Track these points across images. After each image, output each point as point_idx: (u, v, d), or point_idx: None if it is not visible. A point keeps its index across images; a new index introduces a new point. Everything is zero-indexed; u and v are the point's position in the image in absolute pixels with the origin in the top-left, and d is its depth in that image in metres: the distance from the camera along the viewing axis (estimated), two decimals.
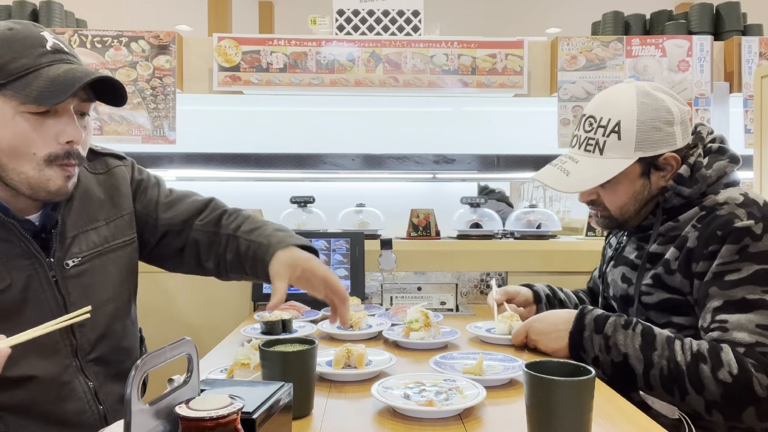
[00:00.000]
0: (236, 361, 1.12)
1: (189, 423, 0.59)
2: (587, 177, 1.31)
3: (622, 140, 1.28)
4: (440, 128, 2.61)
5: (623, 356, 1.20)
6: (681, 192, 1.28)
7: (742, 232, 1.17)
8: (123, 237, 1.24)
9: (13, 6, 2.47)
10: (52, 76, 0.98)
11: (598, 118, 1.32)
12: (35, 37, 1.01)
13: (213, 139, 2.54)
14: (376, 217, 2.27)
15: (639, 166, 1.30)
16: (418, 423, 0.95)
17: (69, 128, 1.03)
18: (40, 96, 0.97)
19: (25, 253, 1.07)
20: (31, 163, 1.01)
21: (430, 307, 1.91)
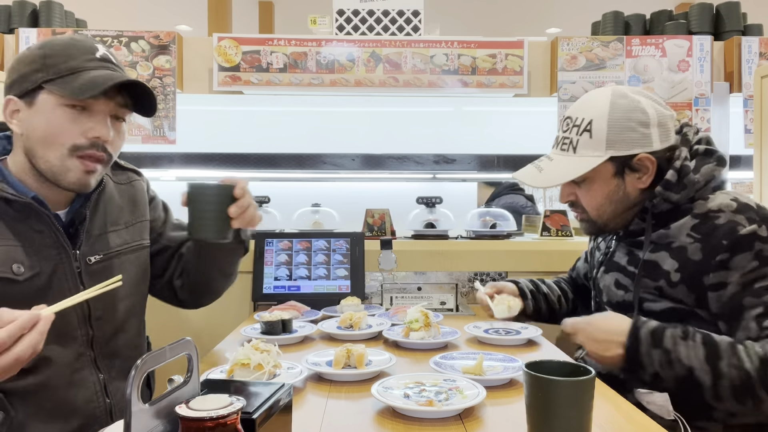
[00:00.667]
0: (236, 361, 1.12)
1: (189, 423, 0.59)
2: (559, 173, 1.33)
3: (594, 138, 1.29)
4: (440, 128, 2.62)
5: (688, 370, 1.15)
6: (669, 198, 1.27)
7: (750, 238, 1.17)
8: (140, 240, 1.35)
9: (13, 6, 2.47)
10: (92, 76, 1.11)
11: (574, 118, 1.34)
12: (89, 46, 1.16)
13: (213, 139, 2.54)
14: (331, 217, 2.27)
15: (612, 165, 1.30)
16: (418, 423, 0.95)
17: (99, 126, 1.14)
18: (76, 90, 1.09)
19: (54, 243, 1.16)
20: (56, 152, 1.12)
21: (430, 307, 1.91)
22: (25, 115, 1.13)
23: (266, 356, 1.11)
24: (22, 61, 1.14)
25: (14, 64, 1.16)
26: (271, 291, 1.99)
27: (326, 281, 2.00)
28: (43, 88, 1.11)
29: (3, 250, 1.10)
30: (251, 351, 1.12)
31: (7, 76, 1.16)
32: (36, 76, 1.11)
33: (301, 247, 2.04)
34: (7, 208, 1.12)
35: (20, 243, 1.12)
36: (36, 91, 1.12)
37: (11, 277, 1.09)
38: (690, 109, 2.32)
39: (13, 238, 1.11)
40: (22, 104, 1.13)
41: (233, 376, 1.11)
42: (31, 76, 1.12)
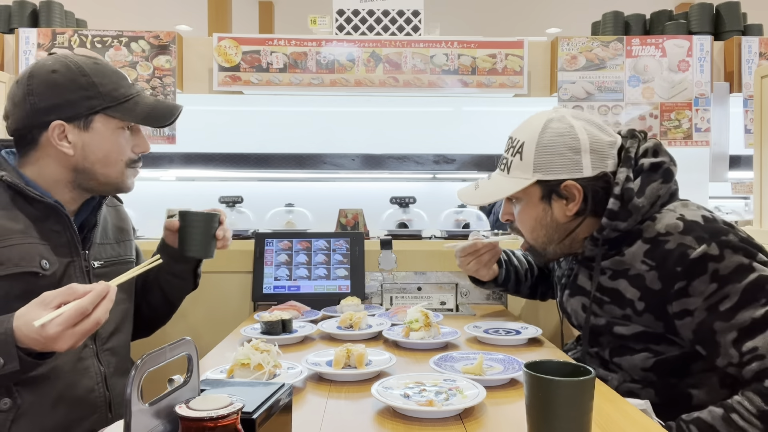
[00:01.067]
0: (236, 361, 1.12)
1: (189, 423, 0.59)
2: (488, 192, 1.36)
3: (523, 161, 1.29)
4: (440, 128, 2.62)
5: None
6: (617, 227, 1.25)
7: (702, 260, 1.15)
8: (128, 256, 1.45)
9: (13, 6, 2.47)
10: (150, 103, 1.28)
11: (513, 139, 1.35)
12: (119, 72, 1.29)
13: (213, 139, 2.54)
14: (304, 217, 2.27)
15: (539, 189, 1.30)
16: (418, 423, 0.95)
17: (143, 142, 1.32)
18: (147, 118, 1.27)
19: (67, 243, 1.25)
20: (117, 168, 1.27)
21: (430, 307, 1.91)
22: (78, 138, 1.22)
23: (266, 356, 1.12)
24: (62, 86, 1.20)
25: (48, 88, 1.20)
26: (271, 291, 1.99)
27: (326, 281, 2.00)
28: (99, 113, 1.23)
29: (32, 247, 1.18)
30: (251, 351, 1.12)
31: (38, 99, 1.19)
32: (92, 102, 1.22)
33: (301, 247, 2.04)
34: (31, 208, 1.21)
35: (43, 242, 1.21)
36: (92, 115, 1.22)
37: (39, 271, 1.18)
38: (690, 109, 2.32)
39: (38, 236, 1.20)
40: (72, 128, 1.21)
41: (233, 376, 1.11)
42: (85, 103, 1.21)
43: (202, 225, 1.41)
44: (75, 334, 1.00)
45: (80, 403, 1.23)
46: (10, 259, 1.14)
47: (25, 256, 1.16)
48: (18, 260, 1.15)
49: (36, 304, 1.02)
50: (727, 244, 1.16)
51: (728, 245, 1.16)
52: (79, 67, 1.22)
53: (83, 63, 1.23)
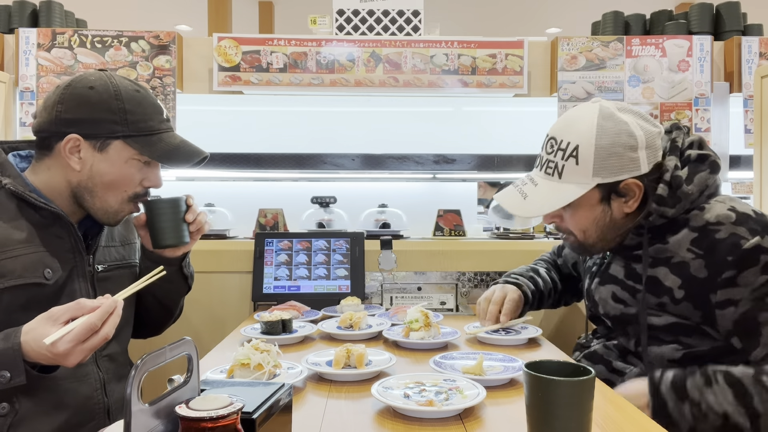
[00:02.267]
0: (236, 361, 1.12)
1: (189, 423, 0.59)
2: (543, 202, 1.27)
3: (580, 165, 1.23)
4: (440, 128, 2.61)
5: (723, 417, 1.13)
6: (664, 213, 1.24)
7: (755, 251, 1.15)
8: (131, 259, 1.44)
9: (13, 6, 2.47)
10: (174, 144, 1.28)
11: (558, 140, 1.27)
12: (157, 105, 1.29)
13: (213, 139, 2.54)
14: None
15: (598, 192, 1.26)
16: (418, 423, 0.95)
17: (155, 177, 1.31)
18: (163, 157, 1.26)
19: (72, 248, 1.25)
20: (118, 197, 1.26)
21: (430, 307, 1.91)
22: (90, 156, 1.22)
23: (266, 356, 1.12)
24: (93, 104, 1.21)
25: (80, 103, 1.21)
26: (271, 291, 1.99)
27: (326, 281, 2.00)
28: (119, 139, 1.22)
29: (36, 257, 1.18)
30: (251, 351, 1.12)
31: (66, 109, 1.20)
32: (115, 127, 1.22)
33: (301, 247, 2.04)
34: (35, 215, 1.21)
35: (47, 249, 1.21)
36: (110, 139, 1.22)
37: (42, 281, 1.18)
38: (690, 109, 2.32)
39: (41, 244, 1.20)
40: (87, 145, 1.22)
41: (233, 376, 1.11)
42: (107, 125, 1.21)
43: (167, 211, 1.35)
44: (84, 350, 1.02)
45: (79, 409, 1.22)
46: (14, 271, 1.15)
47: (29, 266, 1.16)
48: (21, 271, 1.15)
49: (45, 319, 1.03)
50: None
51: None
52: (116, 91, 1.23)
53: (123, 88, 1.24)
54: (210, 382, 0.78)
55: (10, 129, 2.23)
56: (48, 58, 2.25)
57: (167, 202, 1.35)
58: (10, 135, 2.23)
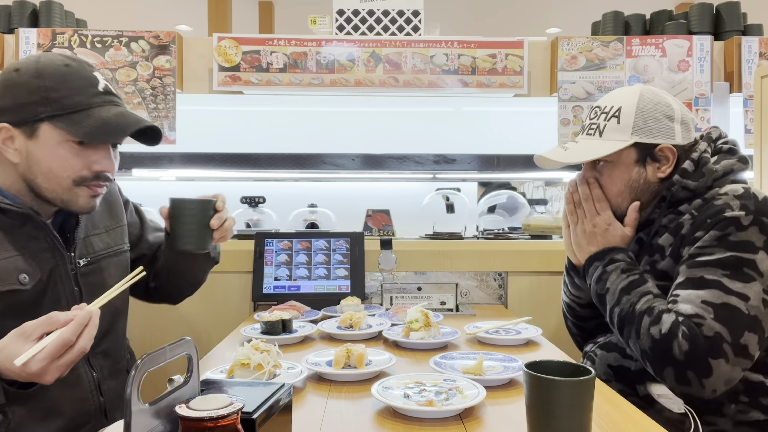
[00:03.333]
0: (236, 361, 1.12)
1: (189, 423, 0.59)
2: (583, 151, 1.36)
3: (621, 123, 1.33)
4: (440, 128, 2.61)
5: (605, 290, 1.30)
6: (687, 185, 1.30)
7: (729, 221, 1.19)
8: (119, 245, 1.36)
9: (13, 6, 2.47)
10: (103, 117, 1.12)
11: (603, 106, 1.39)
12: (89, 77, 1.14)
13: (213, 139, 2.54)
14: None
15: (635, 152, 1.34)
16: (418, 423, 0.95)
17: (105, 161, 1.17)
18: (89, 134, 1.10)
19: (50, 247, 1.17)
20: (61, 184, 1.14)
21: (430, 307, 1.91)
22: (23, 145, 1.12)
23: (266, 356, 1.12)
24: (15, 87, 1.10)
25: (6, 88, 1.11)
26: (271, 291, 1.99)
27: (326, 281, 2.00)
28: (44, 122, 1.10)
29: (8, 263, 1.11)
30: (251, 351, 1.12)
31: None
32: (37, 109, 1.09)
33: (301, 247, 2.04)
34: (3, 217, 1.13)
35: (20, 252, 1.13)
36: (36, 123, 1.10)
37: (18, 288, 1.11)
38: (690, 109, 2.32)
39: (12, 248, 1.12)
40: (18, 133, 1.11)
41: (233, 376, 1.11)
42: (31, 108, 1.10)
43: (192, 213, 1.26)
44: (60, 367, 0.95)
45: (73, 413, 1.18)
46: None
47: (1, 274, 1.09)
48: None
49: (16, 336, 0.95)
50: (762, 224, 1.19)
51: (762, 225, 1.19)
52: (37, 69, 1.11)
53: (49, 64, 1.12)
54: (210, 382, 0.78)
55: None
56: None
57: (193, 204, 1.26)
58: None
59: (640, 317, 1.21)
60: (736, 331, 1.12)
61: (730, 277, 1.16)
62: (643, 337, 1.19)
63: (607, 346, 1.41)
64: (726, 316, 1.13)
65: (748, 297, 1.14)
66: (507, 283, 2.10)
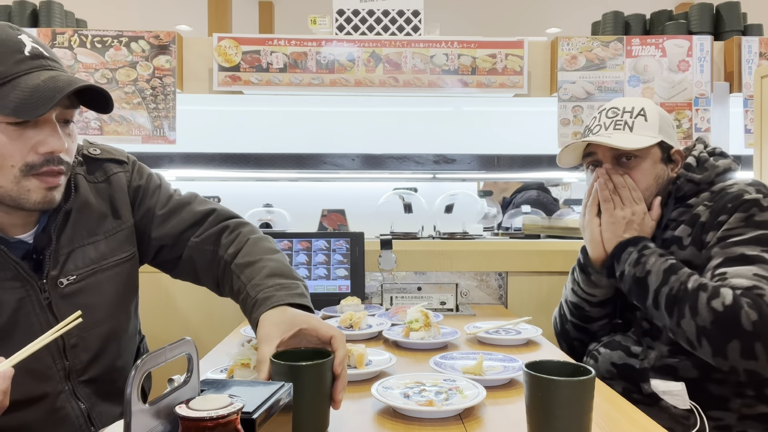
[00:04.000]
0: (236, 361, 1.11)
1: (189, 423, 0.59)
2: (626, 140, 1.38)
3: (649, 122, 1.40)
4: (440, 128, 2.61)
5: (646, 273, 1.29)
6: (692, 178, 1.37)
7: (750, 203, 1.24)
8: (121, 253, 1.16)
9: (13, 6, 2.47)
10: (31, 85, 0.92)
11: (622, 107, 1.43)
12: (13, 41, 0.94)
13: (213, 139, 2.54)
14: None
15: (660, 151, 1.41)
16: (418, 423, 0.95)
17: (51, 139, 0.96)
18: (18, 108, 0.91)
19: (16, 276, 1.01)
20: (8, 176, 0.95)
21: (430, 307, 1.91)
22: None
23: None
24: None
25: None
26: None
27: (326, 281, 2.00)
28: None
29: None
30: (251, 351, 1.12)
31: None
32: None
33: (301, 247, 2.04)
34: None
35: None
36: None
37: None
38: (690, 109, 2.32)
39: None
40: None
41: (233, 376, 1.11)
42: None
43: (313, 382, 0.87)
44: None
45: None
46: None
47: None
48: None
49: None
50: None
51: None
52: None
53: None
54: (210, 382, 0.78)
55: None
56: None
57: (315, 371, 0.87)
58: None
59: (694, 294, 1.18)
60: None
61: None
62: (702, 312, 1.15)
63: (611, 344, 1.41)
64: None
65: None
66: (507, 283, 2.10)
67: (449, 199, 2.30)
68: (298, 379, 0.84)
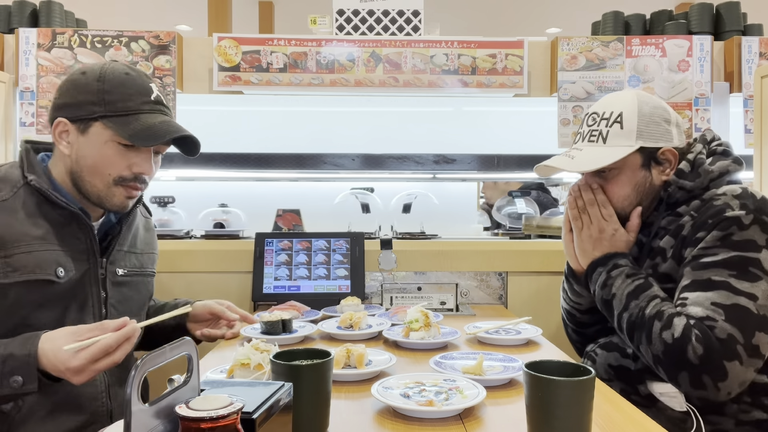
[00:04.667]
0: (236, 361, 1.12)
1: (189, 423, 0.59)
2: (592, 159, 1.35)
3: (624, 129, 1.34)
4: (440, 128, 2.61)
5: (611, 296, 1.30)
6: (683, 186, 1.32)
7: (731, 221, 1.20)
8: (150, 268, 1.48)
9: (13, 6, 2.47)
10: (149, 123, 1.22)
11: (601, 113, 1.39)
12: (145, 87, 1.25)
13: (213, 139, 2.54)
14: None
15: (640, 156, 1.35)
16: (418, 423, 0.95)
17: (144, 164, 1.26)
18: (134, 136, 1.20)
19: (86, 250, 1.27)
20: (103, 181, 1.24)
21: (430, 307, 1.91)
22: (75, 139, 1.23)
23: (266, 356, 1.11)
24: (78, 87, 1.23)
25: (69, 88, 1.24)
26: (271, 291, 1.99)
27: (326, 281, 2.00)
28: (98, 120, 1.21)
29: (50, 255, 1.20)
30: (251, 351, 1.12)
31: (59, 96, 1.25)
32: (92, 108, 1.21)
33: (301, 247, 2.04)
34: (55, 214, 1.23)
35: (62, 248, 1.22)
36: (90, 121, 1.21)
37: (53, 279, 1.19)
38: (690, 109, 2.32)
39: (57, 243, 1.22)
40: (73, 128, 1.23)
41: (233, 376, 1.11)
42: (87, 107, 1.21)
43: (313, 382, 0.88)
44: (94, 371, 1.04)
45: (82, 410, 1.24)
46: (27, 266, 1.16)
47: (42, 263, 1.18)
48: (34, 267, 1.17)
49: (69, 333, 1.06)
50: (762, 222, 1.19)
51: (762, 223, 1.19)
52: (101, 73, 1.23)
53: (110, 70, 1.24)
54: (210, 382, 0.78)
55: (10, 129, 2.23)
56: (48, 58, 2.25)
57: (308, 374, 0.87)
58: (10, 135, 2.23)
59: (650, 322, 1.20)
60: (747, 331, 1.12)
61: (737, 277, 1.16)
62: (655, 342, 1.18)
63: (607, 345, 1.41)
64: (737, 317, 1.13)
65: (756, 296, 1.14)
66: (507, 283, 2.10)
67: (406, 198, 2.31)
68: (298, 379, 0.85)
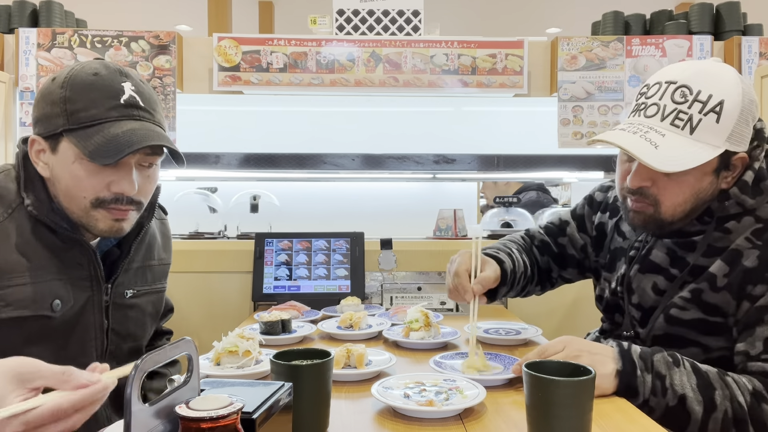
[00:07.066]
0: (223, 349, 1.16)
1: (189, 423, 0.59)
2: (677, 157, 1.07)
3: (720, 124, 1.08)
4: (440, 128, 2.61)
5: (680, 398, 1.03)
6: (743, 202, 1.13)
7: None
8: (161, 282, 1.34)
9: (13, 6, 2.47)
10: (112, 134, 1.02)
11: (695, 90, 1.09)
12: (114, 88, 1.05)
13: (213, 139, 2.54)
14: None
15: (717, 160, 1.11)
16: (418, 423, 0.95)
17: (123, 182, 1.07)
18: (94, 153, 1.01)
19: (89, 276, 1.13)
20: (79, 206, 1.07)
21: (430, 307, 1.91)
22: (49, 159, 1.07)
23: (252, 343, 1.16)
24: (46, 97, 1.06)
25: (38, 99, 1.08)
26: (271, 291, 1.99)
27: (326, 281, 2.00)
28: (63, 136, 1.04)
29: (47, 287, 1.07)
30: (238, 339, 1.16)
31: (33, 109, 1.09)
32: (57, 121, 1.04)
33: (301, 247, 2.04)
34: (55, 238, 1.09)
35: (61, 277, 1.09)
36: (58, 137, 1.05)
37: (49, 314, 1.07)
38: None
39: (55, 272, 1.08)
40: (46, 146, 1.07)
41: (220, 364, 1.13)
42: (53, 120, 1.04)
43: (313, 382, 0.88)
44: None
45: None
46: (21, 300, 1.03)
47: (37, 297, 1.05)
48: (28, 302, 1.04)
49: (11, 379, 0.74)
50: None
51: None
52: (66, 78, 1.05)
53: (77, 73, 1.05)
54: (210, 382, 0.78)
55: (10, 129, 2.23)
56: (48, 58, 2.25)
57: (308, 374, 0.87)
58: (9, 135, 2.23)
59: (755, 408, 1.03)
60: None
61: None
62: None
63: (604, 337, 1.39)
64: None
65: None
66: None
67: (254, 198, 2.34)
68: (298, 379, 0.85)
